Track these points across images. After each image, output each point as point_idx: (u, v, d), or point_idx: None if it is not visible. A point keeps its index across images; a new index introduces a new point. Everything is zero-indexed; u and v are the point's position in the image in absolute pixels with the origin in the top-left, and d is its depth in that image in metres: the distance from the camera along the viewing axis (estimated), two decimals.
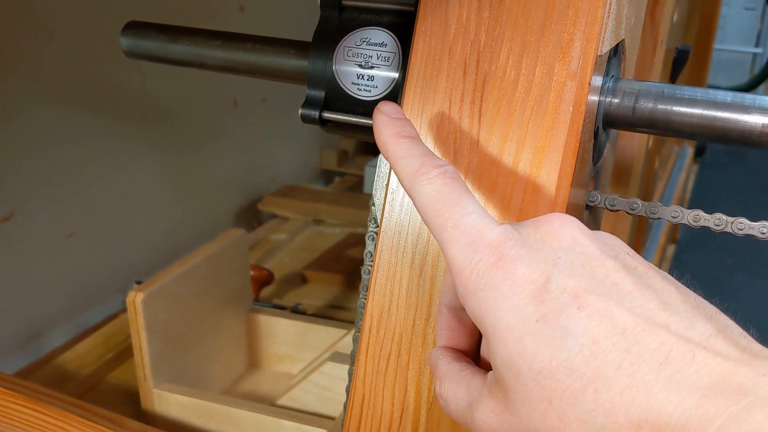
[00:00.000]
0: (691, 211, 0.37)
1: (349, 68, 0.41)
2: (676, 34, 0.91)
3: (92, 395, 0.86)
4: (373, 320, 0.36)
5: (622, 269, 0.24)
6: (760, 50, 4.00)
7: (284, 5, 1.53)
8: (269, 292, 1.13)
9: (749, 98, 0.35)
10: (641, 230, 1.11)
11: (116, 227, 1.17)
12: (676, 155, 1.83)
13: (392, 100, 0.39)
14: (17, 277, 1.00)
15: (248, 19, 1.41)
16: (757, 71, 3.68)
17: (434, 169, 0.28)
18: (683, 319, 0.23)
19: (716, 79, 3.56)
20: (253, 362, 0.92)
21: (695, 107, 0.36)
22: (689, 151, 2.07)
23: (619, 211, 0.39)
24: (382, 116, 0.31)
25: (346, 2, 0.42)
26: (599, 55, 0.34)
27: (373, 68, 0.41)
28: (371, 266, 0.36)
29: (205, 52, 0.50)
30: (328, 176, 1.80)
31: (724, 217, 0.36)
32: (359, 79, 0.41)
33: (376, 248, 0.36)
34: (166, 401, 0.74)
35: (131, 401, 0.82)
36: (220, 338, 0.85)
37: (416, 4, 0.36)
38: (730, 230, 0.36)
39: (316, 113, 0.42)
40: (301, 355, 0.89)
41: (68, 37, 1.02)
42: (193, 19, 1.21)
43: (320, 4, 0.42)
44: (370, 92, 0.41)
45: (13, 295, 0.99)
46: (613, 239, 0.27)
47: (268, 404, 0.78)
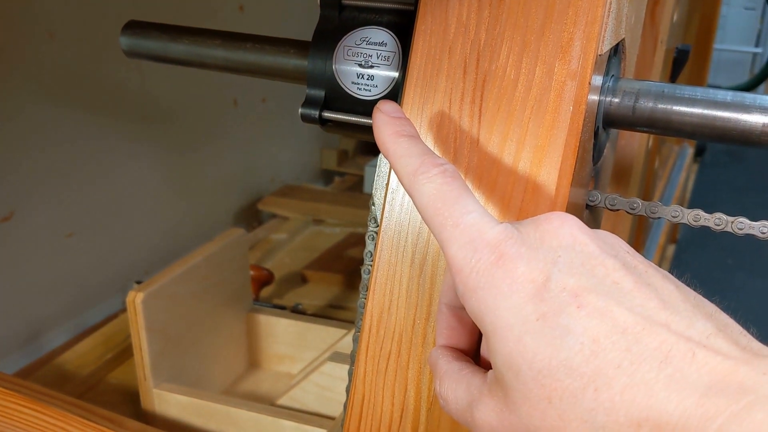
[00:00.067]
0: (691, 210, 0.37)
1: (349, 67, 0.41)
2: (676, 33, 0.91)
3: (92, 395, 0.86)
4: (373, 320, 0.36)
5: (622, 268, 0.24)
6: (760, 50, 4.01)
7: (284, 5, 1.53)
8: (269, 292, 1.13)
9: (749, 98, 0.35)
10: (641, 230, 1.11)
11: (116, 227, 1.17)
12: (676, 155, 1.83)
13: (392, 99, 0.39)
14: (17, 277, 1.00)
15: (248, 18, 1.41)
16: (757, 71, 3.68)
17: (434, 167, 0.28)
18: (683, 317, 0.23)
19: (716, 78, 3.56)
20: (253, 362, 0.92)
21: (695, 107, 0.36)
22: (689, 150, 2.07)
23: (619, 210, 0.39)
24: (381, 115, 0.31)
25: (346, 2, 0.42)
26: (599, 54, 0.34)
27: (373, 67, 0.41)
28: (371, 266, 0.36)
29: (205, 51, 0.50)
30: (328, 176, 1.80)
31: (724, 216, 0.36)
32: (359, 78, 0.41)
33: (376, 248, 0.36)
34: (165, 401, 0.74)
35: (131, 401, 0.82)
36: (219, 338, 0.85)
37: (416, 3, 0.36)
38: (730, 230, 0.36)
39: (316, 113, 0.42)
40: (301, 355, 0.89)
41: (68, 37, 1.02)
42: (193, 18, 1.21)
43: (320, 3, 0.42)
44: (370, 92, 0.41)
45: (13, 295, 0.99)
46: (612, 238, 0.27)
47: (267, 404, 0.78)
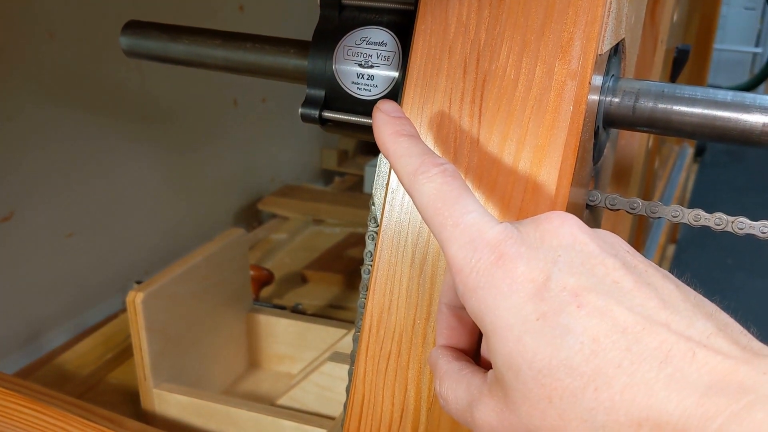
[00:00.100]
0: (691, 210, 0.37)
1: (349, 67, 0.41)
2: (676, 33, 0.91)
3: (92, 395, 0.86)
4: (373, 320, 0.36)
5: (621, 267, 0.24)
6: (760, 50, 4.01)
7: (284, 5, 1.53)
8: (269, 291, 1.13)
9: (749, 97, 0.35)
10: (641, 230, 1.11)
11: (116, 227, 1.17)
12: (676, 155, 1.83)
13: (392, 99, 0.39)
14: (17, 277, 1.00)
15: (248, 18, 1.41)
16: (757, 71, 3.68)
17: (434, 167, 0.28)
18: (683, 317, 0.23)
19: (716, 78, 3.56)
20: (253, 362, 0.92)
21: (695, 106, 0.36)
22: (689, 150, 2.07)
23: (619, 210, 0.39)
24: (381, 115, 0.31)
25: (345, 1, 0.42)
26: (599, 54, 0.34)
27: (373, 67, 0.41)
28: (371, 266, 0.36)
29: (205, 51, 0.50)
30: (328, 176, 1.80)
31: (724, 216, 0.36)
32: (359, 78, 0.41)
33: (376, 248, 0.36)
34: (165, 401, 0.74)
35: (131, 401, 0.82)
36: (219, 338, 0.85)
37: (416, 3, 0.36)
38: (730, 230, 0.36)
39: (316, 112, 0.42)
40: (301, 355, 0.89)
41: (68, 37, 1.02)
42: (193, 18, 1.21)
43: (320, 3, 0.42)
44: (370, 91, 0.41)
45: (13, 295, 0.99)
46: (612, 237, 0.27)
47: (267, 404, 0.78)
